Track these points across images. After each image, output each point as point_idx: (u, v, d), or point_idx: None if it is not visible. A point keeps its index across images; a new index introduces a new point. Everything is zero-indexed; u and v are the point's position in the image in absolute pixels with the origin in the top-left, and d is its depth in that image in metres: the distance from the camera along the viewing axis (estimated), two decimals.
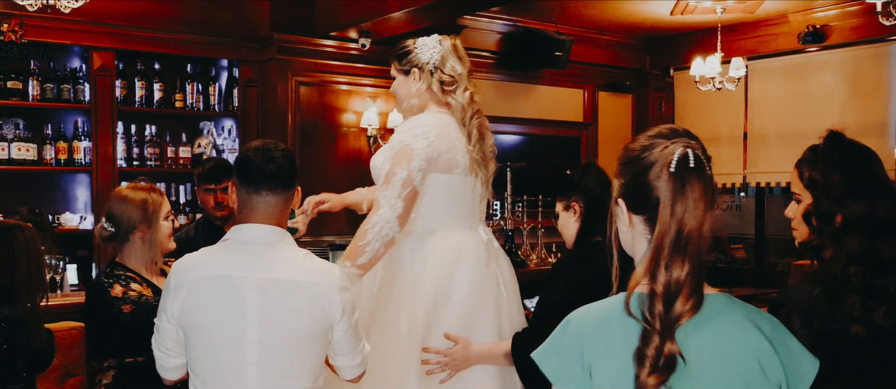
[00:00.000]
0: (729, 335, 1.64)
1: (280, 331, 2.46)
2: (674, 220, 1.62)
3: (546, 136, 8.88)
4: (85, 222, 6.25)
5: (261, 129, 6.89)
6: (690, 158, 1.63)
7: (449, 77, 3.25)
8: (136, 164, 6.46)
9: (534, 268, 6.69)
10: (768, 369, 1.63)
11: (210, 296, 2.46)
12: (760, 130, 8.73)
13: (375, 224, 3.00)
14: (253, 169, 2.52)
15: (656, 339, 1.57)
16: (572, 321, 1.69)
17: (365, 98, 7.14)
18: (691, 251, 1.61)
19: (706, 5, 7.66)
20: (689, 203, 1.62)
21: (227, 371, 2.46)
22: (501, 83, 8.44)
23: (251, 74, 6.88)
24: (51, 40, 5.99)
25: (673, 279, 1.60)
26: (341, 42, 6.95)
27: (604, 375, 1.62)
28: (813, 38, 7.94)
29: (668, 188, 1.63)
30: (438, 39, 3.30)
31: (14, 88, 5.97)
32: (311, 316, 2.47)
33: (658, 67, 9.54)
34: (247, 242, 2.52)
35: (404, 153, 3.06)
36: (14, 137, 6.00)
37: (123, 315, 3.13)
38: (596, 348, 1.63)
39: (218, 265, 2.49)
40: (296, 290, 2.46)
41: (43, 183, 6.34)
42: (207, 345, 2.48)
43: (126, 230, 3.28)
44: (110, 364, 3.21)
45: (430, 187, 3.13)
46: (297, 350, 2.48)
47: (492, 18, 8.10)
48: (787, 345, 1.67)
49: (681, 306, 1.58)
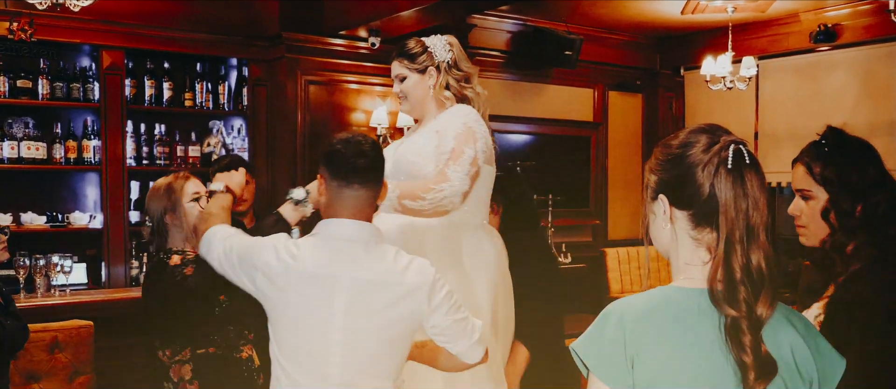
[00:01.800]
0: (777, 335, 1.67)
1: (365, 329, 2.47)
2: (739, 212, 1.64)
3: (556, 135, 8.86)
4: (94, 220, 6.26)
5: (270, 128, 6.89)
6: (745, 153, 1.67)
7: (463, 74, 3.38)
8: (146, 163, 6.45)
9: None
10: (802, 366, 1.67)
11: (296, 290, 2.48)
12: (771, 130, 8.70)
13: (442, 190, 3.05)
14: (344, 162, 2.51)
15: (748, 333, 1.60)
16: (613, 312, 1.70)
17: (374, 97, 7.13)
18: (762, 244, 1.65)
19: (717, 4, 7.63)
20: (751, 198, 1.65)
21: (313, 364, 2.48)
22: (511, 83, 8.42)
23: (260, 72, 6.88)
24: (60, 39, 5.99)
25: (754, 266, 1.63)
26: (351, 41, 6.94)
27: (646, 366, 1.64)
28: (824, 38, 7.90)
29: (728, 185, 1.66)
30: (446, 40, 3.40)
31: (24, 86, 5.97)
32: (397, 315, 2.48)
33: (668, 67, 9.51)
34: (339, 238, 2.52)
35: (470, 134, 3.15)
36: (24, 136, 6.00)
37: (189, 279, 3.07)
38: (639, 340, 1.65)
39: (307, 261, 2.49)
40: (383, 289, 2.47)
41: (52, 182, 6.34)
42: (291, 336, 2.51)
43: (158, 221, 3.29)
44: (183, 357, 3.16)
45: (482, 179, 3.24)
46: (380, 348, 2.50)
47: (501, 18, 8.09)
48: (817, 344, 1.71)
49: (762, 308, 1.62)
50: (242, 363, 3.30)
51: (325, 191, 2.57)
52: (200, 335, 3.18)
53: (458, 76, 3.35)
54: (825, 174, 2.26)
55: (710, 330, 1.64)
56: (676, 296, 1.69)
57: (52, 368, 4.29)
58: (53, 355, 4.32)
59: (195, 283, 3.07)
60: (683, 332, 1.65)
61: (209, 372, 3.17)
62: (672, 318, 1.66)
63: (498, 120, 7.98)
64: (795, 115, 8.43)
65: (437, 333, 2.55)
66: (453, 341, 2.56)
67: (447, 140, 3.15)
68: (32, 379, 4.28)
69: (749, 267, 1.63)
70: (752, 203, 1.65)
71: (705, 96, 8.91)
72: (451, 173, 3.08)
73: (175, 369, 3.17)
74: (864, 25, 7.71)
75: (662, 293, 1.71)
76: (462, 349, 2.58)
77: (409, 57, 3.38)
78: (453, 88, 3.33)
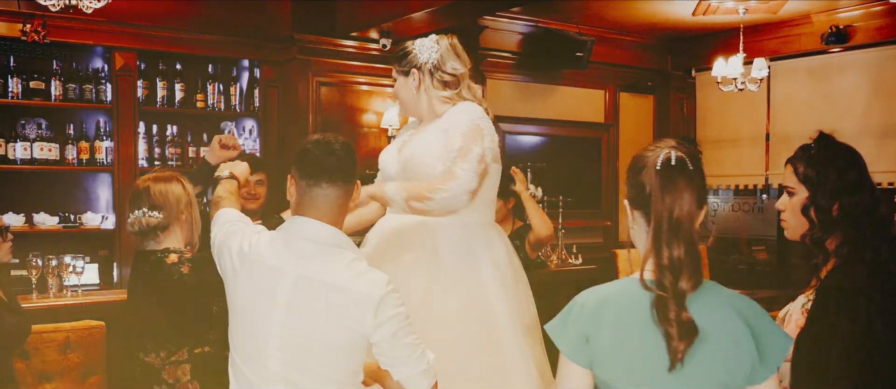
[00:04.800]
0: (714, 315, 1.96)
1: (304, 328, 2.45)
2: (661, 206, 1.96)
3: (567, 137, 8.85)
4: (106, 221, 6.28)
5: (281, 129, 6.91)
6: (673, 158, 1.98)
7: (451, 76, 3.31)
8: (158, 164, 6.47)
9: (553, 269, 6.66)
10: (740, 343, 1.95)
11: (248, 276, 2.52)
12: (783, 132, 8.67)
13: (449, 190, 3.05)
14: (313, 161, 2.52)
15: (673, 306, 1.92)
16: (577, 301, 2.05)
17: (385, 98, 7.14)
18: (685, 234, 1.94)
19: (728, 6, 7.61)
20: (676, 195, 1.95)
21: (253, 352, 2.50)
22: (522, 84, 8.42)
23: (272, 74, 6.89)
24: (73, 41, 6.02)
25: (674, 257, 1.93)
26: (362, 42, 6.95)
27: (598, 344, 1.98)
28: (836, 39, 7.87)
29: (657, 185, 1.97)
30: (436, 39, 3.35)
31: (37, 88, 6.00)
32: (338, 321, 2.43)
33: (680, 68, 9.49)
34: (297, 235, 2.52)
35: (477, 132, 3.14)
36: (36, 137, 6.03)
37: (185, 277, 3.07)
38: (595, 322, 1.99)
39: (263, 251, 2.53)
40: (327, 292, 2.44)
41: (65, 183, 6.36)
42: (237, 320, 2.56)
43: (174, 214, 3.24)
44: (180, 358, 3.14)
45: (490, 177, 3.25)
46: (322, 352, 2.45)
47: (512, 19, 8.08)
48: (761, 324, 1.99)
49: (685, 282, 1.92)
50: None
51: (295, 190, 2.57)
52: (198, 334, 3.15)
53: (443, 78, 3.29)
54: (807, 173, 2.45)
55: (648, 311, 1.95)
56: (629, 286, 2.01)
57: (64, 368, 4.30)
58: (65, 355, 4.33)
59: (193, 281, 3.08)
60: (629, 315, 1.97)
61: (209, 372, 3.14)
62: (622, 304, 1.99)
63: (508, 121, 7.98)
64: (807, 116, 8.40)
65: (379, 352, 2.47)
66: (397, 365, 2.46)
67: (454, 138, 3.14)
68: (45, 379, 4.30)
69: (671, 256, 1.93)
70: (676, 200, 1.95)
71: (716, 98, 8.90)
72: (459, 171, 3.07)
73: (170, 370, 3.13)
74: (876, 26, 7.67)
75: (620, 283, 2.07)
76: (405, 375, 2.47)
77: (397, 59, 3.39)
78: (436, 91, 3.30)
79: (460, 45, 3.40)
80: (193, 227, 3.31)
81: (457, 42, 3.38)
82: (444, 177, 3.08)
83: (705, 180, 2.04)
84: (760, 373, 1.97)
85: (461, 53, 3.37)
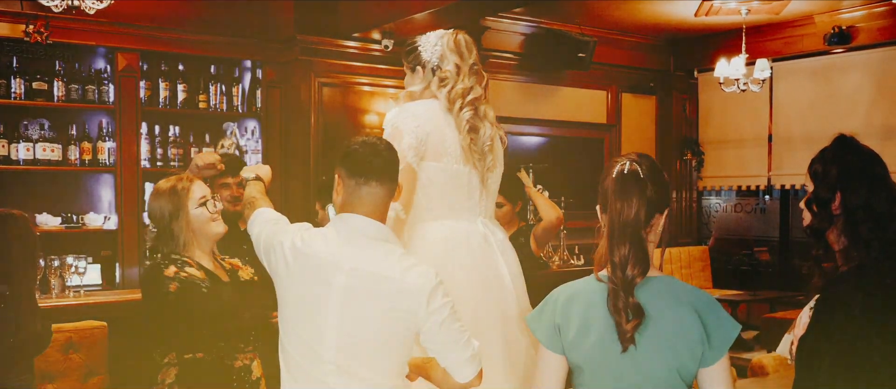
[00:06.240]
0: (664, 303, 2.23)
1: (360, 318, 2.55)
2: (614, 212, 2.24)
3: (569, 138, 8.85)
4: (109, 222, 6.28)
5: (284, 130, 6.91)
6: (626, 168, 2.26)
7: (447, 72, 3.29)
8: (160, 164, 6.48)
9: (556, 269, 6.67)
10: (689, 329, 2.21)
11: (302, 270, 2.62)
12: (786, 132, 8.67)
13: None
14: (361, 161, 2.62)
15: (622, 294, 2.19)
16: (552, 295, 2.37)
17: (388, 99, 7.13)
18: (631, 234, 2.21)
19: (731, 6, 7.62)
20: (625, 201, 2.22)
21: (308, 341, 2.59)
22: (524, 85, 8.42)
23: (274, 75, 6.89)
24: (76, 41, 6.03)
25: (621, 255, 2.20)
26: (364, 43, 6.95)
27: (568, 332, 2.28)
28: (839, 40, 7.86)
29: (611, 191, 2.26)
30: (439, 35, 3.34)
31: (39, 88, 6.00)
32: (392, 313, 2.54)
33: (682, 69, 9.49)
34: (350, 229, 2.62)
35: (395, 134, 3.15)
36: (39, 138, 6.04)
37: (170, 295, 3.10)
38: (564, 314, 2.30)
39: (317, 246, 2.63)
40: (381, 283, 2.55)
41: (67, 183, 6.37)
42: (292, 312, 2.65)
43: (165, 225, 3.27)
44: (170, 361, 3.17)
45: (423, 173, 3.19)
46: (376, 341, 2.56)
47: (515, 20, 8.08)
48: (710, 312, 2.23)
49: (631, 270, 2.19)
50: (234, 371, 3.25)
51: (342, 189, 2.66)
52: (185, 343, 3.17)
53: (443, 75, 3.28)
54: (816, 169, 2.50)
55: (605, 302, 2.24)
56: (592, 282, 2.31)
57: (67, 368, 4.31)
58: (68, 355, 4.34)
59: (174, 301, 3.10)
60: (591, 307, 2.27)
61: (194, 379, 3.15)
62: (585, 298, 2.30)
63: (511, 122, 7.98)
64: (810, 117, 8.40)
65: (427, 340, 2.58)
66: (444, 351, 2.58)
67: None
68: (47, 379, 4.31)
69: (621, 254, 2.20)
70: (623, 206, 2.22)
71: (719, 99, 8.90)
72: None
73: (163, 371, 3.17)
74: (878, 27, 7.67)
75: (587, 280, 2.34)
76: (452, 361, 2.57)
77: (404, 54, 3.38)
78: (434, 87, 3.29)
79: (467, 39, 3.36)
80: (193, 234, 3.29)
81: (461, 37, 3.34)
82: None
83: (666, 188, 2.31)
84: (709, 356, 2.22)
85: (463, 50, 3.32)
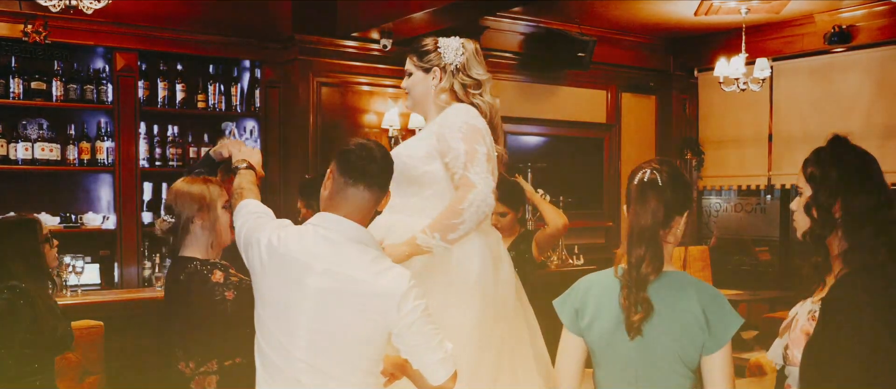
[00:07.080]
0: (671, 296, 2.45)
1: (332, 319, 2.53)
2: (633, 216, 2.48)
3: (568, 137, 8.84)
4: (107, 221, 6.28)
5: (282, 129, 6.91)
6: (646, 176, 2.48)
7: (474, 81, 3.29)
8: (159, 164, 6.48)
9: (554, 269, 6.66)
10: (694, 320, 2.42)
11: (277, 268, 2.61)
12: (786, 132, 8.66)
13: (473, 202, 2.99)
14: (355, 163, 2.61)
15: (634, 290, 2.43)
16: (577, 283, 2.63)
17: (386, 99, 7.14)
18: (648, 238, 2.44)
19: (731, 6, 7.61)
20: (643, 207, 2.46)
21: (281, 340, 2.58)
22: (524, 84, 8.41)
23: (273, 74, 6.90)
24: (74, 41, 6.03)
25: (637, 255, 2.44)
26: (363, 43, 6.95)
27: (585, 316, 2.55)
28: (839, 39, 7.86)
29: (632, 197, 2.50)
30: (461, 42, 3.32)
31: (38, 88, 6.01)
32: (364, 315, 2.52)
33: (682, 68, 9.48)
34: (328, 230, 2.60)
35: (476, 131, 3.11)
36: (38, 138, 6.04)
37: (228, 303, 3.07)
38: (583, 301, 2.57)
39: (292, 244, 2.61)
40: (354, 285, 2.53)
41: (66, 183, 6.37)
42: (265, 310, 2.64)
43: (186, 221, 3.22)
44: (209, 369, 3.12)
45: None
46: (348, 342, 2.54)
47: (514, 19, 8.08)
48: (714, 305, 2.44)
49: (645, 268, 2.42)
50: None
51: (331, 184, 2.65)
52: (229, 349, 3.13)
53: (465, 82, 3.27)
54: (812, 172, 2.48)
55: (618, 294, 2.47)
56: (611, 274, 2.53)
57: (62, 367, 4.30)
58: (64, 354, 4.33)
59: (234, 309, 3.06)
60: (606, 297, 2.52)
61: (239, 383, 3.11)
62: (602, 288, 2.55)
63: (510, 122, 7.96)
64: (810, 116, 8.39)
65: (399, 341, 2.56)
66: (416, 353, 2.56)
67: (454, 144, 3.08)
68: None
69: (637, 254, 2.44)
70: (642, 211, 2.45)
71: (719, 98, 8.88)
72: (474, 176, 3.02)
73: (198, 380, 3.11)
74: (879, 27, 7.66)
75: (606, 272, 2.57)
76: (424, 363, 2.56)
77: (418, 54, 3.34)
78: (458, 94, 3.26)
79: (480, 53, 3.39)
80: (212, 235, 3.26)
81: (479, 48, 3.37)
82: (461, 190, 3.02)
83: (687, 190, 2.51)
84: (710, 344, 2.42)
85: (482, 61, 3.36)
